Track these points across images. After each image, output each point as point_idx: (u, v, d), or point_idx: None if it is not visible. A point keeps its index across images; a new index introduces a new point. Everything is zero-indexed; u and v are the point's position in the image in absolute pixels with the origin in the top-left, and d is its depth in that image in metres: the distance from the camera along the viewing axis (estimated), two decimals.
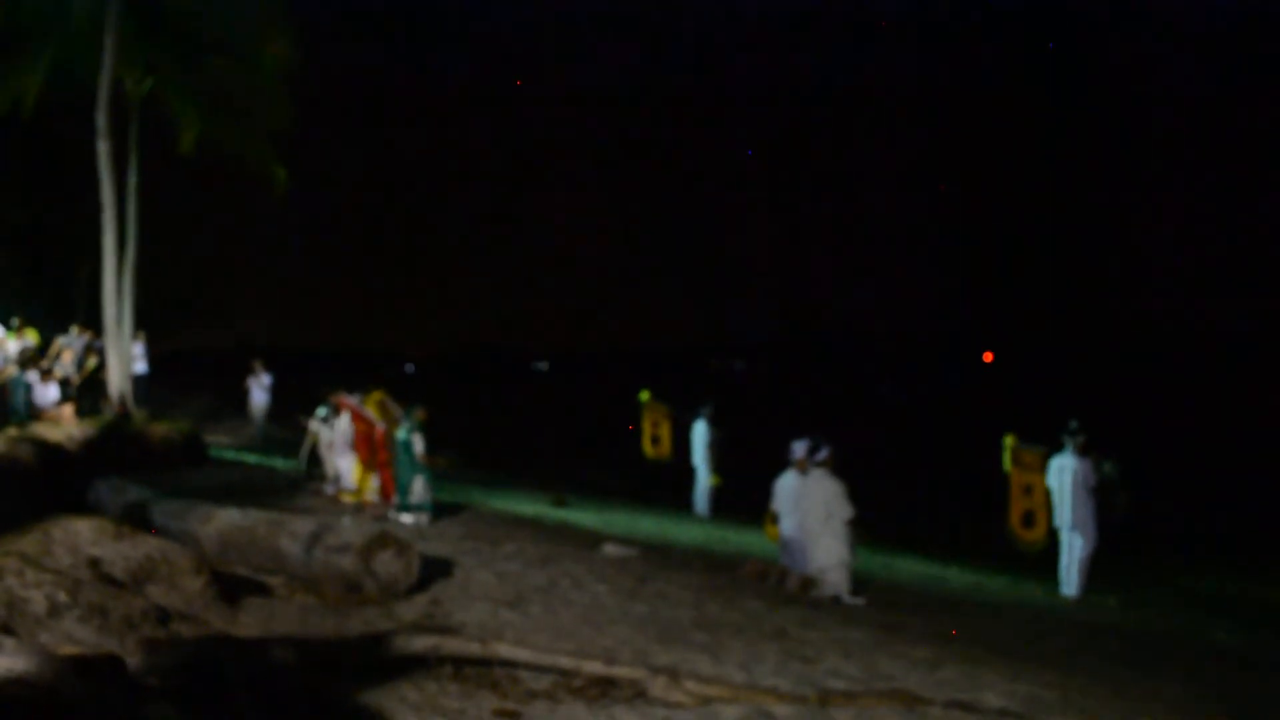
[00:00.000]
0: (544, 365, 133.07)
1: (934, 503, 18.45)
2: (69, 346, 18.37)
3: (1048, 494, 11.25)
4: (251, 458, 17.52)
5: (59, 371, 16.43)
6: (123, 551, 6.13)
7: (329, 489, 12.80)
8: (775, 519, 10.36)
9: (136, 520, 8.30)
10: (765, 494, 10.68)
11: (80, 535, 6.14)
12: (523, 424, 37.28)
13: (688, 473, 16.20)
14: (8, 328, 18.80)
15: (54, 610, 4.68)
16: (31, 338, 18.65)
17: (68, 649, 4.17)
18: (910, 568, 12.45)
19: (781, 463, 10.35)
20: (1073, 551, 11.16)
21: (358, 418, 12.28)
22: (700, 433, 15.86)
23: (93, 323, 19.91)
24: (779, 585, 9.48)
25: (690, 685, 5.06)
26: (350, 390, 12.84)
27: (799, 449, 10.11)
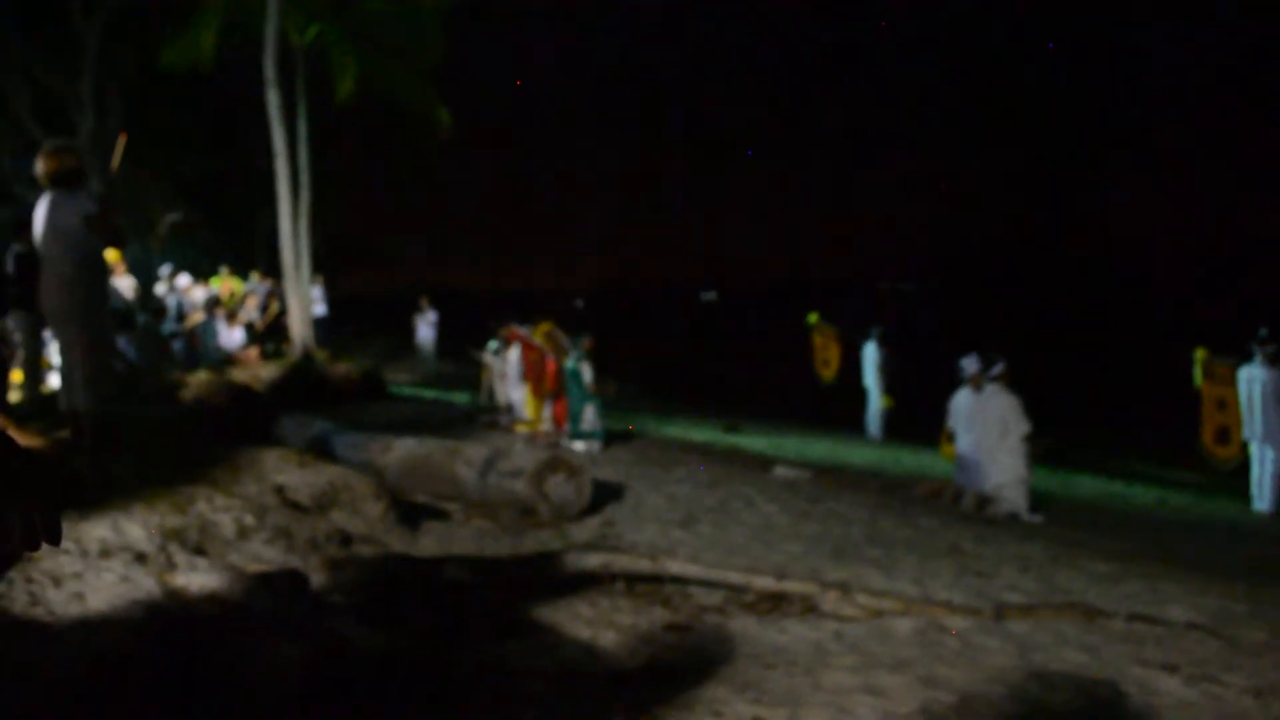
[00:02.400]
0: (712, 295, 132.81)
1: (1115, 419, 17.81)
2: (252, 292, 19.20)
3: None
4: (429, 393, 18.01)
5: (243, 316, 17.16)
6: (306, 479, 6.39)
7: (503, 420, 13.06)
8: (950, 437, 10.17)
9: (319, 451, 8.64)
10: (939, 415, 10.49)
11: (266, 464, 6.43)
12: (692, 353, 37.38)
13: (859, 395, 15.99)
14: (214, 276, 19.81)
15: (242, 532, 4.90)
16: (236, 286, 19.61)
17: (255, 567, 4.37)
18: (1090, 485, 12.06)
19: (954, 382, 10.13)
20: (1264, 465, 10.65)
21: (528, 349, 12.47)
22: (871, 354, 15.61)
23: (273, 269, 20.81)
24: (954, 503, 9.32)
25: (862, 599, 5.01)
26: (521, 322, 13.06)
27: (971, 365, 9.87)
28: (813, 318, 17.15)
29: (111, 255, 9.74)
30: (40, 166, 6.38)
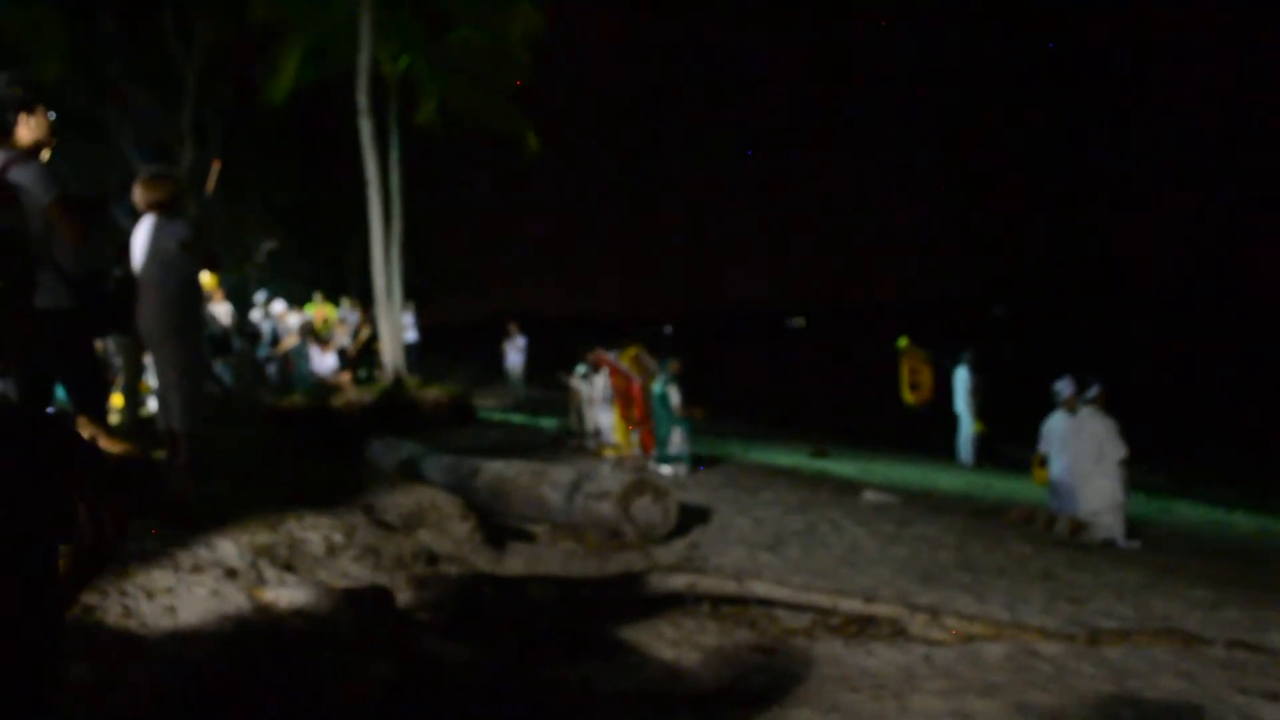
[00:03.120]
0: (799, 321, 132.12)
1: (1215, 444, 17.32)
2: (344, 319, 19.56)
3: None
4: (518, 418, 18.16)
5: (336, 342, 17.47)
6: (395, 499, 6.47)
7: (590, 444, 13.10)
8: (1043, 461, 9.97)
9: (409, 474, 8.75)
10: (1031, 440, 10.30)
11: (356, 485, 6.52)
12: (779, 378, 37.21)
13: (950, 420, 15.77)
14: (308, 302, 20.23)
15: (331, 550, 4.96)
16: (329, 313, 20.00)
17: (343, 584, 4.42)
18: (1188, 511, 11.72)
19: (1047, 406, 9.94)
20: None
21: (615, 373, 12.51)
22: (962, 379, 15.39)
23: (365, 296, 21.17)
24: (1047, 529, 9.12)
25: (952, 622, 4.91)
26: (608, 347, 13.11)
27: (1066, 388, 9.69)
28: (902, 342, 16.95)
29: (208, 281, 9.98)
30: (139, 194, 6.57)
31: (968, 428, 15.45)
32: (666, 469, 11.05)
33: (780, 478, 11.44)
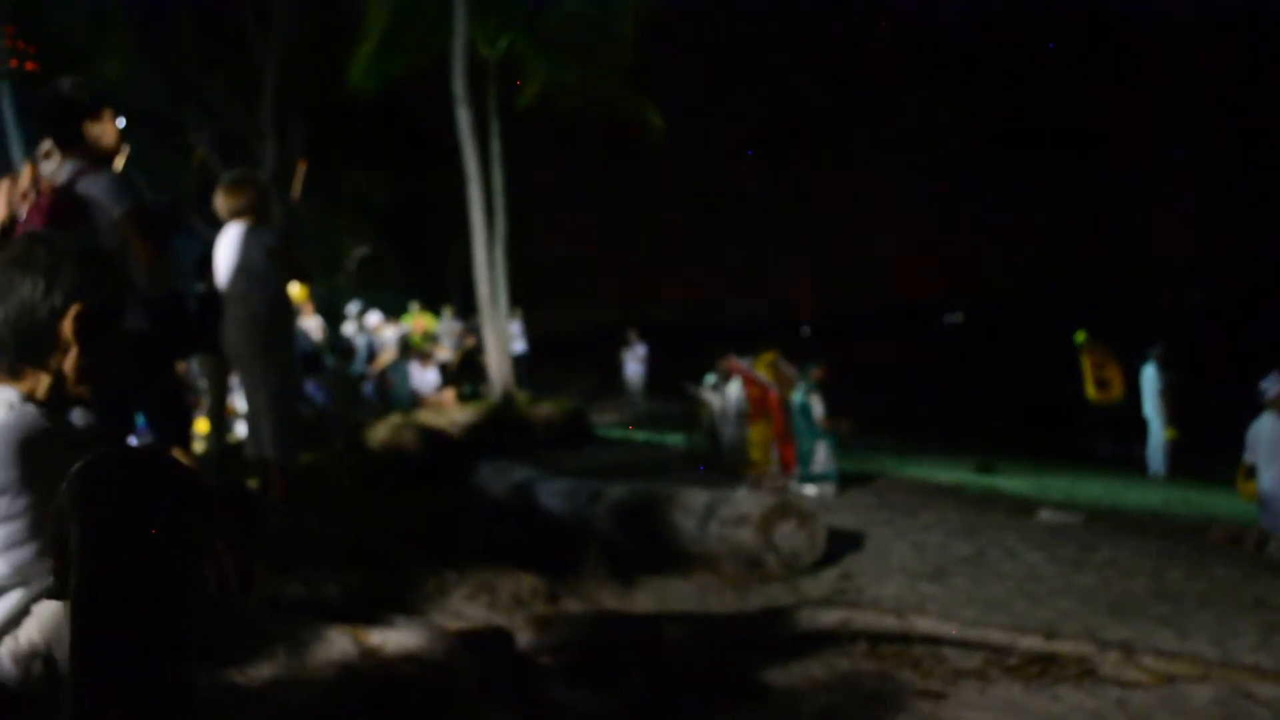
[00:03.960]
0: (958, 317, 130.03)
1: None
2: (445, 330, 19.87)
3: None
4: (640, 435, 18.23)
5: (437, 356, 17.75)
6: (509, 529, 6.55)
7: (724, 463, 13.07)
8: (1251, 472, 9.65)
9: (522, 500, 8.85)
10: (1236, 447, 9.98)
11: (466, 513, 6.61)
12: (936, 382, 36.69)
13: (1137, 426, 15.37)
14: (406, 313, 20.59)
15: (441, 587, 5.04)
16: (428, 324, 20.33)
17: (456, 625, 4.49)
18: None
19: (1253, 408, 9.63)
20: None
21: (750, 382, 12.46)
22: (1150, 378, 14.99)
23: (468, 304, 21.46)
24: (1257, 550, 8.82)
25: (1149, 661, 4.79)
26: (740, 353, 13.07)
27: (1275, 385, 9.37)
28: (1080, 336, 16.58)
29: (298, 293, 10.23)
30: (220, 201, 6.77)
31: (1158, 434, 15.03)
32: (811, 489, 10.98)
33: (942, 496, 11.29)
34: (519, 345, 20.54)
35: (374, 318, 18.92)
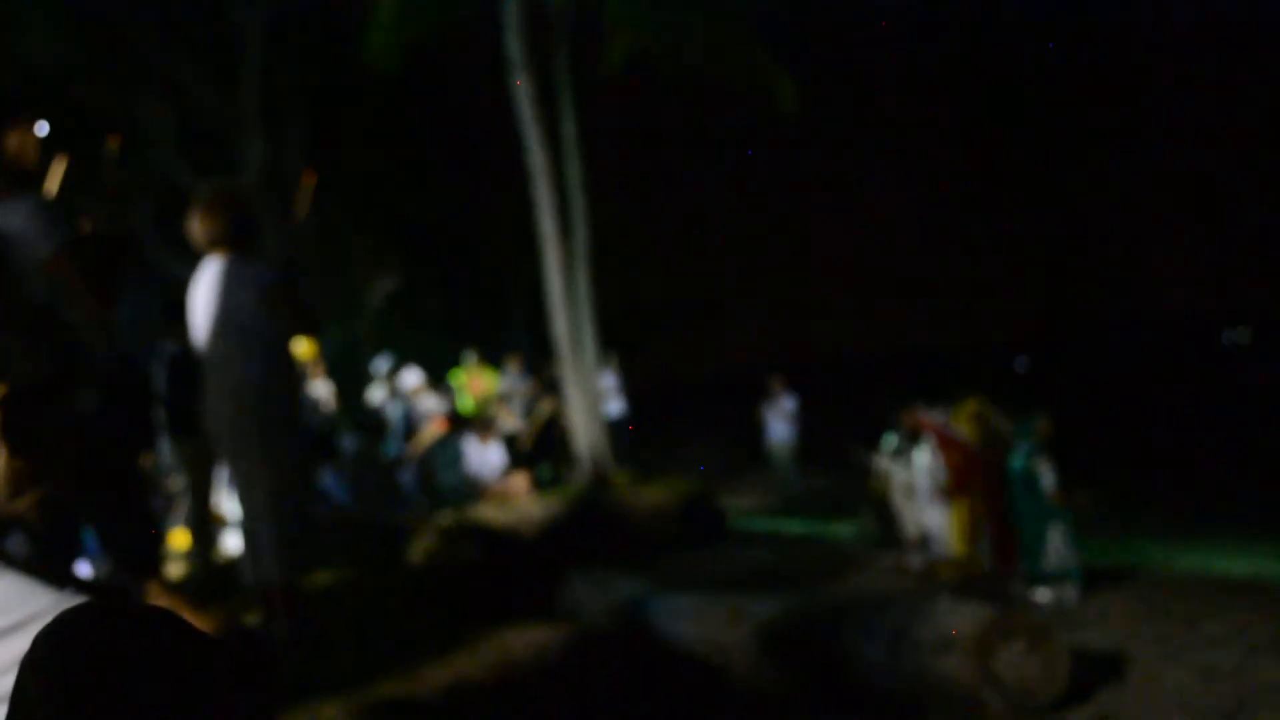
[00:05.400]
0: (1242, 334, 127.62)
1: None
2: (511, 389, 19.81)
3: None
4: (792, 524, 18.06)
5: (501, 426, 17.70)
6: (615, 670, 6.48)
7: (914, 559, 12.90)
8: None
9: (629, 625, 8.77)
10: None
11: (545, 649, 6.54)
12: (1214, 428, 35.94)
13: None
14: (455, 368, 20.56)
15: None
16: (488, 381, 20.20)
17: None
18: None
19: None
20: None
21: (946, 444, 12.30)
22: None
23: (540, 352, 21.19)
24: None
25: None
26: (930, 402, 12.90)
27: None
28: None
29: (305, 349, 10.30)
30: (197, 224, 6.72)
31: None
32: (1043, 593, 10.79)
33: (1236, 596, 11.01)
34: (615, 405, 20.35)
35: (411, 378, 18.87)
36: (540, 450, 18.81)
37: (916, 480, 13.07)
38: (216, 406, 6.55)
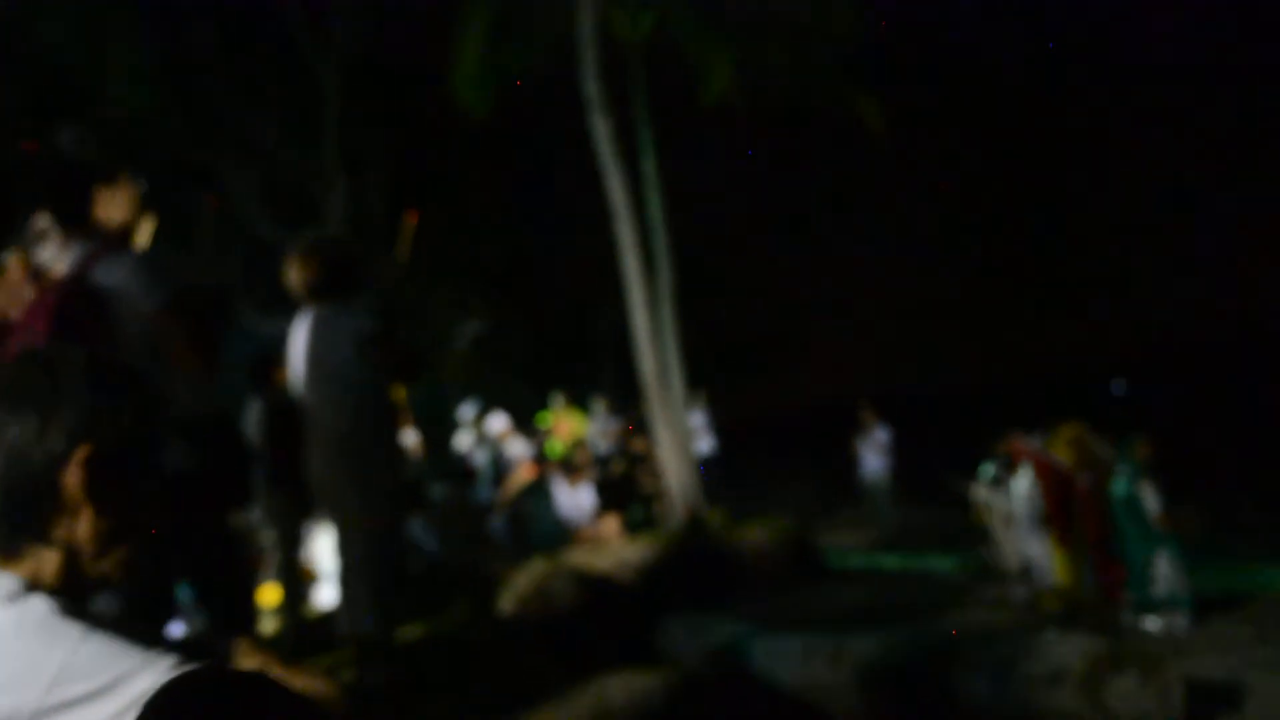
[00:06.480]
0: None
1: None
2: (601, 432, 19.78)
3: None
4: (889, 559, 17.95)
5: (591, 468, 17.66)
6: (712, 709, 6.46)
7: (1018, 591, 12.79)
8: None
9: (728, 667, 8.74)
10: None
11: (652, 694, 6.53)
12: None
13: None
14: (542, 410, 20.53)
15: None
16: (576, 424, 20.18)
17: None
18: None
19: None
20: None
21: (1044, 471, 12.21)
22: None
23: (628, 391, 21.17)
24: None
25: None
26: (1027, 430, 12.81)
27: None
28: None
29: (399, 396, 10.33)
30: (294, 274, 6.73)
31: None
32: (1153, 622, 10.65)
33: None
34: (705, 443, 20.30)
35: (498, 422, 18.89)
36: (630, 491, 18.73)
37: (1016, 509, 12.98)
38: (314, 458, 6.54)
